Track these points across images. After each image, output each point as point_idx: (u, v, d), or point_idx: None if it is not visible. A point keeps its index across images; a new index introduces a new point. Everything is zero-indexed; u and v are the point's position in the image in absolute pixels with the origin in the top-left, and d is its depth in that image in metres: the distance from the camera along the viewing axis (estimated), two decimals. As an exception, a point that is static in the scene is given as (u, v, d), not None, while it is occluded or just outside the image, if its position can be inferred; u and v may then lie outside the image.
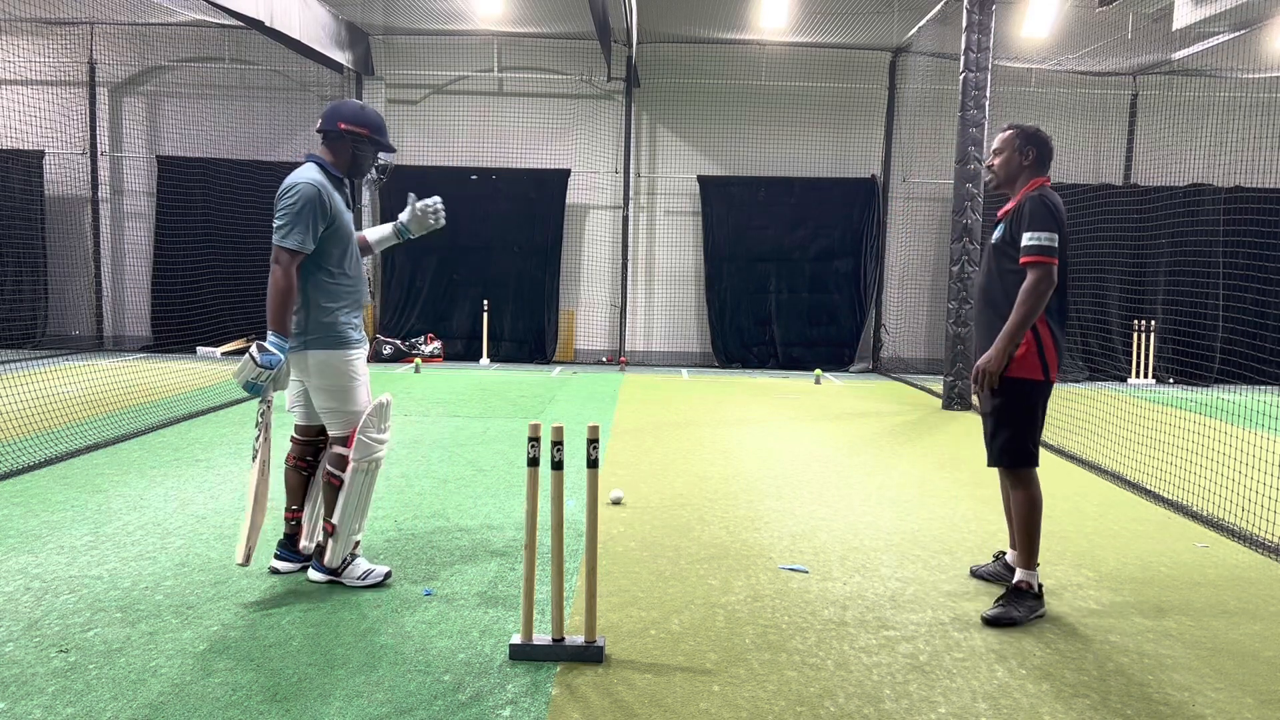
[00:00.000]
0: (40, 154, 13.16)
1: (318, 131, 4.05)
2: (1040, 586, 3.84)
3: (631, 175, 14.01)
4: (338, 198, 3.96)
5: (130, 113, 14.00)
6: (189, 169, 13.60)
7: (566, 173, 13.79)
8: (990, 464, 3.93)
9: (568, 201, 13.88)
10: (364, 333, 4.13)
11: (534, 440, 3.26)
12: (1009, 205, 3.93)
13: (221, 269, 13.46)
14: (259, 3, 9.64)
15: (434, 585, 3.99)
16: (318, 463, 4.11)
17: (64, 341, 13.61)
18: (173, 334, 13.20)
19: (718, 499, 5.65)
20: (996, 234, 3.94)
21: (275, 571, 4.07)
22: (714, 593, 4.00)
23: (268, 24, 9.94)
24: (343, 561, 3.93)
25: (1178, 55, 12.37)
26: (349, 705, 2.91)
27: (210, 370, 11.42)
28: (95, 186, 13.81)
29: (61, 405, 7.63)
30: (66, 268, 13.60)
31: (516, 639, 3.30)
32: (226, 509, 5.13)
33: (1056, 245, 3.68)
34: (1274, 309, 12.31)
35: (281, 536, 4.14)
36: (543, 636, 3.31)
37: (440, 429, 7.77)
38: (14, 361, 9.98)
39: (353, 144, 4.01)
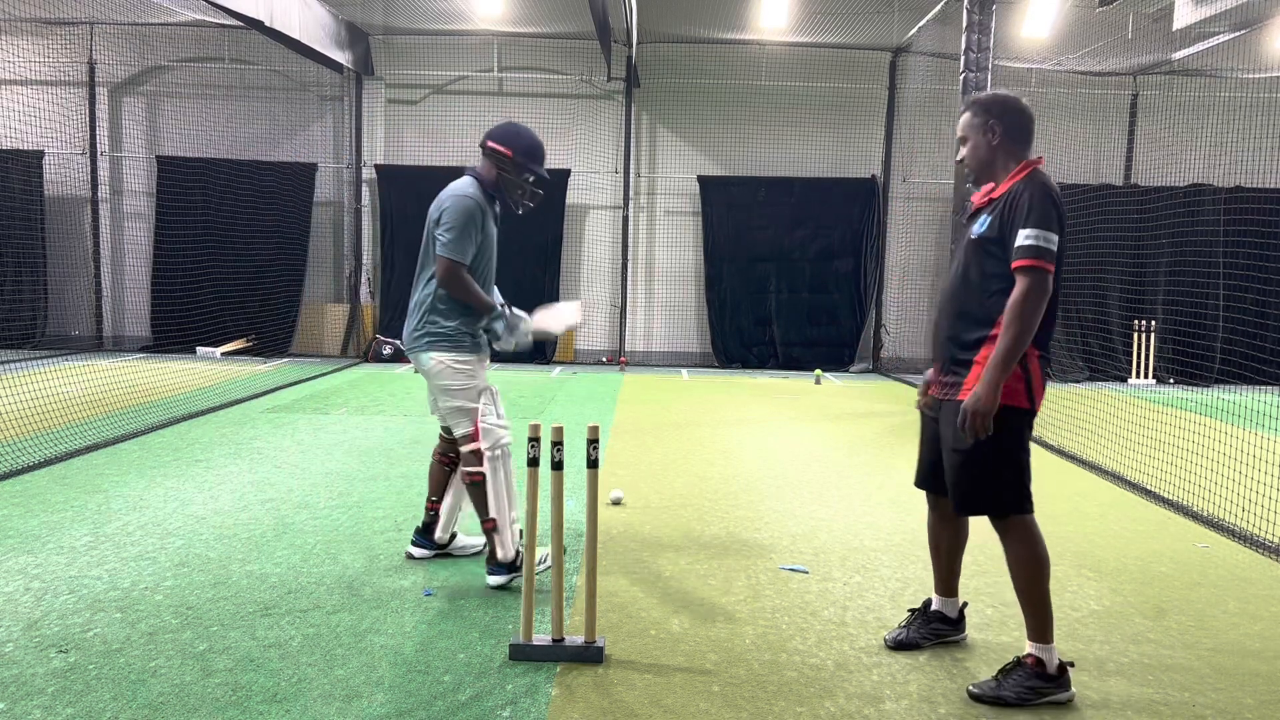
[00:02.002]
0: (40, 154, 13.14)
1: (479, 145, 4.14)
2: (1062, 666, 3.07)
3: (631, 175, 14.01)
4: (488, 215, 4.05)
5: (130, 113, 13.99)
6: (189, 169, 13.58)
7: (566, 173, 13.77)
8: (967, 512, 3.20)
9: (568, 201, 13.87)
10: (483, 340, 4.15)
11: (534, 440, 3.26)
12: (995, 191, 3.20)
13: (221, 269, 13.45)
14: (259, 3, 9.63)
15: (434, 585, 3.99)
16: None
17: (64, 341, 13.59)
18: (172, 334, 13.18)
19: (718, 499, 5.65)
20: (979, 227, 3.16)
21: (410, 557, 4.32)
22: (714, 593, 4.00)
23: (268, 24, 9.93)
24: (517, 552, 3.95)
25: (1178, 55, 12.35)
26: (349, 705, 2.91)
27: (210, 370, 11.42)
28: (95, 186, 13.79)
29: (61, 405, 7.62)
30: (66, 268, 13.58)
31: (516, 639, 3.30)
32: (226, 509, 5.13)
33: (1055, 248, 2.99)
34: (1274, 309, 12.30)
35: (419, 524, 4.36)
36: (543, 637, 3.31)
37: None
38: (14, 361, 9.98)
39: (497, 163, 4.06)
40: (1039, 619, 3.09)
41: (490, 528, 3.97)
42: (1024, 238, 2.97)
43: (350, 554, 4.39)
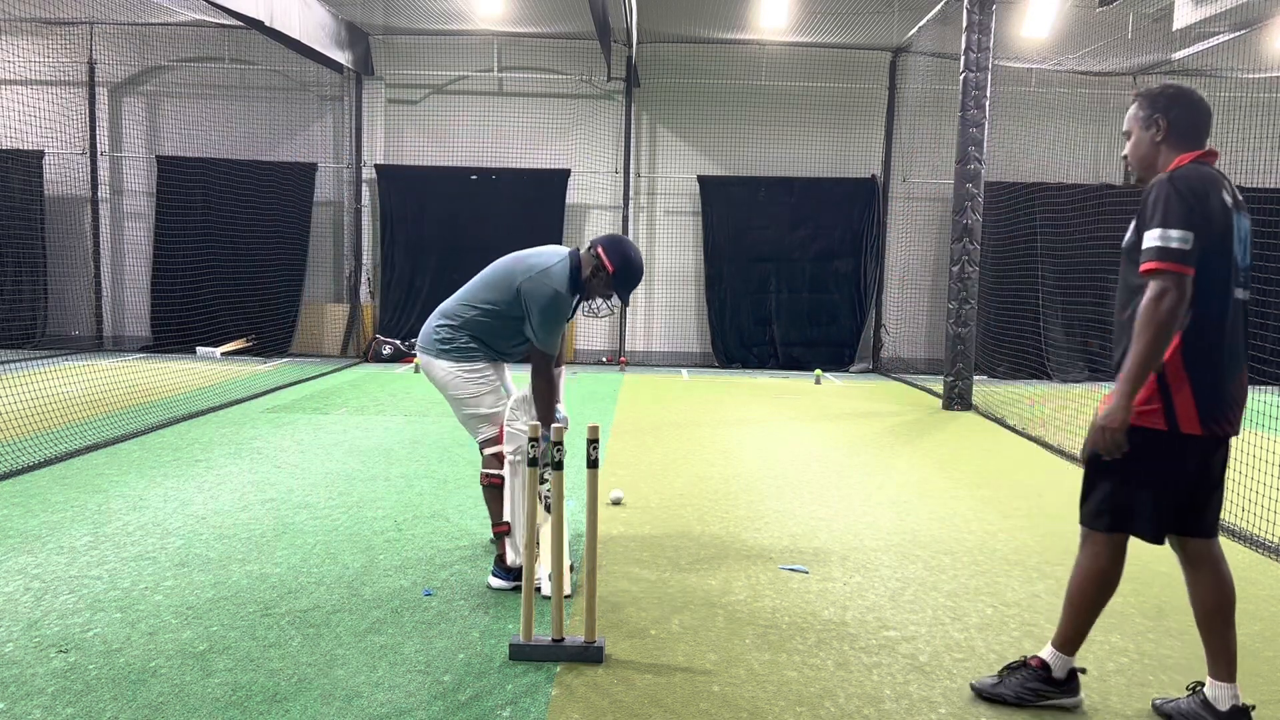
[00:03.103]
0: (40, 154, 13.15)
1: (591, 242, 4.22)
2: (1072, 672, 3.01)
3: (631, 175, 14.01)
4: (570, 303, 4.12)
5: (130, 113, 13.99)
6: (189, 169, 13.59)
7: (566, 173, 13.78)
8: (1081, 522, 3.01)
9: (568, 201, 13.87)
10: (495, 360, 4.19)
11: (534, 440, 3.26)
12: None
13: (221, 269, 13.46)
14: (259, 3, 9.63)
15: (434, 585, 3.99)
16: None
17: (64, 341, 13.60)
18: (172, 334, 13.19)
19: (718, 499, 5.65)
20: (1128, 235, 2.96)
21: (490, 588, 4.00)
22: (714, 593, 4.00)
23: (268, 24, 9.94)
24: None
25: (1178, 55, 12.35)
26: (349, 705, 2.91)
27: (210, 370, 11.42)
28: (95, 186, 13.79)
29: (61, 405, 7.62)
30: (66, 268, 13.59)
31: (517, 639, 3.30)
32: (226, 509, 5.13)
33: (1190, 247, 2.69)
34: (1274, 309, 12.30)
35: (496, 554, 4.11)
36: (543, 636, 3.31)
37: (440, 429, 7.77)
38: (14, 361, 9.98)
39: (594, 268, 4.11)
40: (1070, 629, 3.01)
41: (503, 531, 3.95)
42: (1147, 240, 2.76)
43: (350, 554, 4.39)
